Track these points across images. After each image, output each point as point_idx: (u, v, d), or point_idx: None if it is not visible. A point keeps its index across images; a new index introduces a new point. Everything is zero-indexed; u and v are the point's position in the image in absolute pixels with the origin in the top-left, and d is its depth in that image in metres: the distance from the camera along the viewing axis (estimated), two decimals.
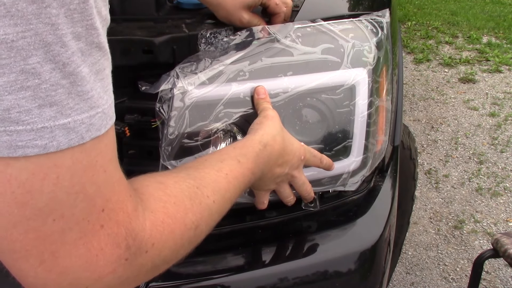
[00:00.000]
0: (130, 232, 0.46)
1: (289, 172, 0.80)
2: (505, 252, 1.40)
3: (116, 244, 0.45)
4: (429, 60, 4.19)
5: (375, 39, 0.94)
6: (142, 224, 0.48)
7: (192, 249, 0.59)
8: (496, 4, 5.60)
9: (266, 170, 0.76)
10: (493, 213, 2.46)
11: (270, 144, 0.75)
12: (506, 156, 2.92)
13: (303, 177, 0.84)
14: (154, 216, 0.50)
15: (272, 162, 0.76)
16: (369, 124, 0.93)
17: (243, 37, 0.88)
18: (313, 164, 0.86)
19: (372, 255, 0.92)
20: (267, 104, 0.82)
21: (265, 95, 0.83)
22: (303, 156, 0.82)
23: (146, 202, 0.51)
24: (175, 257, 0.55)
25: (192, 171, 0.62)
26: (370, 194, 1.00)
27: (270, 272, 0.85)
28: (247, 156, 0.70)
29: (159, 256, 0.51)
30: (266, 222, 0.93)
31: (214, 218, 0.62)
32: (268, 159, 0.74)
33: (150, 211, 0.50)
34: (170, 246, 0.52)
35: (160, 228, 0.50)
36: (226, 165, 0.66)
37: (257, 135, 0.75)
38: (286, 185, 0.84)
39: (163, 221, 0.51)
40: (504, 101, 3.54)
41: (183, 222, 0.54)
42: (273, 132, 0.77)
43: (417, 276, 2.10)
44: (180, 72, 0.84)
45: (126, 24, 0.96)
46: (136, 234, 0.47)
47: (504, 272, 2.10)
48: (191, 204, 0.56)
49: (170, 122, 0.83)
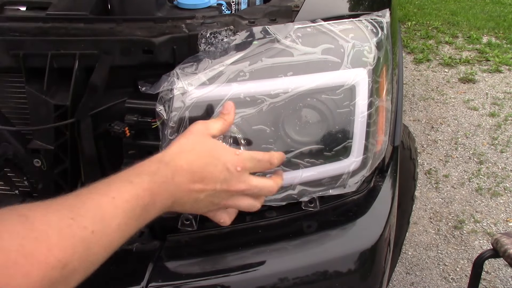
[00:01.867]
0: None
1: (223, 188, 0.73)
2: (505, 252, 1.40)
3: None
4: (429, 60, 4.19)
5: (375, 39, 0.94)
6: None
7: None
8: (496, 4, 5.59)
9: (180, 189, 0.70)
10: (493, 213, 2.46)
11: (174, 161, 0.70)
12: (506, 156, 2.92)
13: (252, 186, 0.76)
14: (4, 256, 0.45)
15: (184, 180, 0.70)
16: (369, 124, 0.93)
17: (243, 37, 0.88)
18: (261, 170, 0.79)
19: (372, 255, 0.92)
20: (218, 119, 0.78)
21: (229, 112, 0.79)
22: (239, 167, 0.74)
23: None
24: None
25: (72, 199, 0.56)
26: (370, 194, 1.00)
27: (270, 272, 0.85)
28: (141, 175, 0.64)
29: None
30: (266, 222, 0.93)
31: (94, 252, 0.55)
32: (173, 176, 0.69)
33: (0, 250, 0.45)
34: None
35: (11, 271, 0.44)
36: (115, 188, 0.60)
37: (160, 153, 0.71)
38: (240, 198, 0.77)
39: (15, 262, 0.45)
40: (504, 101, 3.54)
41: (44, 261, 0.47)
42: (180, 148, 0.72)
43: (417, 276, 2.10)
44: (180, 73, 0.84)
45: (126, 24, 0.96)
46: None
47: (504, 272, 2.10)
48: (58, 239, 0.50)
49: (170, 122, 0.83)
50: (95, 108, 0.96)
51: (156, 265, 0.83)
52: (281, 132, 0.87)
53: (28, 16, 1.02)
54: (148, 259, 0.84)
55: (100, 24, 0.96)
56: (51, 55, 0.91)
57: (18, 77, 0.95)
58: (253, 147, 0.86)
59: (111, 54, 0.91)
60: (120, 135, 0.89)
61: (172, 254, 0.86)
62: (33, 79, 0.94)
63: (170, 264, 0.84)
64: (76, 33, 0.93)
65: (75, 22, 0.96)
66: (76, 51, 0.90)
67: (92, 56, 0.91)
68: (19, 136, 0.98)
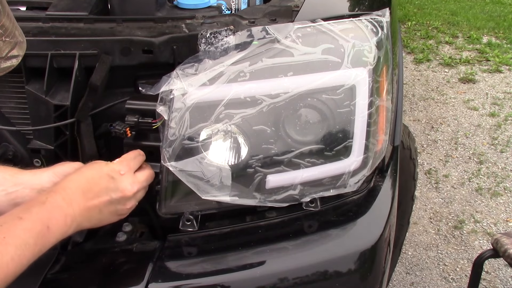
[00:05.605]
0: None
1: (118, 196, 0.81)
2: (505, 252, 1.40)
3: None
4: (429, 60, 4.19)
5: (375, 39, 0.94)
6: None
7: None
8: (496, 4, 5.59)
9: (79, 209, 0.77)
10: (493, 213, 2.46)
11: (62, 187, 0.77)
12: (506, 156, 2.92)
13: (142, 181, 0.85)
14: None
15: (78, 200, 0.77)
16: (370, 124, 0.93)
17: (243, 38, 0.88)
18: (141, 162, 0.87)
19: (372, 255, 0.92)
20: None
21: None
22: (122, 171, 0.82)
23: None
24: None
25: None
26: (370, 194, 1.00)
27: (270, 272, 0.85)
28: (30, 208, 0.71)
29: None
30: (266, 222, 0.93)
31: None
32: (64, 200, 0.75)
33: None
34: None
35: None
36: (6, 228, 0.67)
37: (44, 192, 0.78)
38: (137, 195, 0.85)
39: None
40: (504, 101, 3.54)
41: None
42: (68, 176, 0.80)
43: (417, 276, 2.10)
44: (180, 73, 0.84)
45: (126, 24, 0.96)
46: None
47: (504, 272, 2.10)
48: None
49: (171, 123, 0.83)
50: (95, 108, 0.96)
51: (156, 265, 0.83)
52: (281, 132, 0.87)
53: (28, 16, 1.02)
54: (148, 259, 0.84)
55: (100, 24, 0.96)
56: (51, 55, 0.90)
57: (18, 77, 0.95)
58: (254, 147, 0.86)
59: (111, 54, 0.91)
60: (121, 135, 0.89)
61: (172, 254, 0.86)
62: (33, 79, 0.94)
63: (170, 264, 0.84)
64: (76, 33, 0.93)
65: (75, 22, 0.96)
66: (76, 51, 0.90)
67: (92, 56, 0.91)
68: (19, 136, 0.98)
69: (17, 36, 0.72)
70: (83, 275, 0.86)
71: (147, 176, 0.87)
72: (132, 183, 0.83)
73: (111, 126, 0.90)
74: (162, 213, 0.90)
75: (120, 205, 0.83)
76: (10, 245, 0.66)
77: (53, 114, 0.93)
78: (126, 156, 0.86)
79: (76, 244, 0.95)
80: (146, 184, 0.87)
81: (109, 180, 0.81)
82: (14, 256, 0.65)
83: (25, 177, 0.85)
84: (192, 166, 0.83)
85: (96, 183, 0.80)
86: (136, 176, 0.85)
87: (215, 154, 0.86)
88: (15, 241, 0.66)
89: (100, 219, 0.82)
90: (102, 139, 0.99)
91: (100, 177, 0.81)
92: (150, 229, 0.98)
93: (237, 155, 0.86)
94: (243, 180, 0.88)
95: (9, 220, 0.69)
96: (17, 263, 0.66)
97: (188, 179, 0.84)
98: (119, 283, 0.82)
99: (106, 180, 0.81)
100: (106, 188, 0.81)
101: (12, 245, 0.66)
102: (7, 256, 0.65)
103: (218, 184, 0.85)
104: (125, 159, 0.86)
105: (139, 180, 0.85)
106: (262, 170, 0.87)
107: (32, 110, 0.95)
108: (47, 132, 0.95)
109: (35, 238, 0.69)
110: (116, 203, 0.82)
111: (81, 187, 0.79)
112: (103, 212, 0.81)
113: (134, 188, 0.83)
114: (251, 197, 0.88)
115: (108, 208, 0.81)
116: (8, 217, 0.70)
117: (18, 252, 0.66)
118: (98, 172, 0.82)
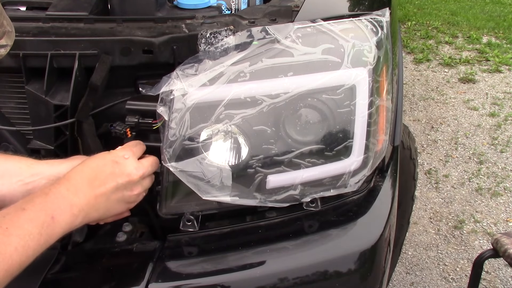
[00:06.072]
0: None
1: (124, 180, 0.81)
2: (505, 252, 1.40)
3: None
4: (429, 60, 4.19)
5: (375, 39, 0.94)
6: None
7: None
8: (496, 4, 5.59)
9: (86, 198, 0.76)
10: (493, 213, 2.46)
11: (66, 177, 0.77)
12: (506, 156, 2.92)
13: (146, 167, 0.85)
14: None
15: (85, 189, 0.77)
16: (370, 123, 0.93)
17: (243, 38, 0.88)
18: (143, 150, 0.88)
19: (372, 255, 0.92)
20: None
21: None
22: (126, 155, 0.82)
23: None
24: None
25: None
26: (370, 194, 1.00)
27: (270, 272, 0.85)
28: (34, 199, 0.71)
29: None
30: (266, 222, 0.93)
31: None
32: (69, 190, 0.75)
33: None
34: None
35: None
36: (8, 219, 0.67)
37: (47, 184, 0.78)
38: (143, 181, 0.85)
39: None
40: (504, 101, 3.54)
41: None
42: (72, 169, 0.80)
43: (417, 276, 2.10)
44: (180, 74, 0.84)
45: (126, 24, 0.96)
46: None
47: (504, 272, 2.10)
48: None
49: (171, 123, 0.83)
50: (95, 108, 0.96)
51: (156, 265, 0.83)
52: (282, 132, 0.87)
53: (28, 16, 1.02)
54: (148, 259, 0.84)
55: (100, 24, 0.96)
56: (51, 55, 0.90)
57: (18, 77, 0.95)
58: (254, 148, 0.86)
59: (111, 54, 0.91)
60: (121, 136, 0.89)
61: (172, 254, 0.86)
62: (33, 79, 0.94)
63: (170, 264, 0.84)
64: (76, 33, 0.93)
65: (75, 22, 0.96)
66: (76, 51, 0.90)
67: (92, 56, 0.91)
68: (19, 136, 0.98)
69: (5, 26, 0.71)
70: (83, 275, 0.86)
71: (152, 162, 0.87)
72: (137, 167, 0.83)
73: (111, 126, 0.90)
74: (163, 213, 0.90)
75: (127, 191, 0.82)
76: (13, 235, 0.66)
77: (53, 114, 0.93)
78: (128, 143, 0.87)
79: (76, 244, 0.95)
80: (151, 170, 0.87)
81: (114, 165, 0.81)
82: (18, 246, 0.65)
83: (42, 168, 0.84)
84: (193, 167, 0.83)
85: (102, 171, 0.80)
86: (141, 161, 0.85)
87: (216, 155, 0.86)
88: (18, 232, 0.66)
89: (108, 208, 0.81)
90: (102, 139, 0.99)
91: (105, 164, 0.81)
92: (150, 229, 0.98)
93: (237, 156, 0.86)
94: (244, 180, 0.88)
95: (12, 211, 0.69)
96: (22, 253, 0.66)
97: (189, 179, 0.84)
98: (119, 283, 0.82)
99: (111, 165, 0.81)
100: (111, 174, 0.80)
101: (15, 236, 0.66)
102: (10, 246, 0.65)
103: (218, 185, 0.85)
104: (128, 145, 0.86)
105: (143, 165, 0.85)
106: (262, 170, 0.87)
107: (32, 110, 0.95)
108: (47, 132, 0.95)
109: (40, 228, 0.69)
110: (122, 189, 0.81)
111: (87, 176, 0.78)
112: (110, 199, 0.80)
113: (140, 172, 0.83)
114: (252, 197, 0.88)
115: (115, 195, 0.81)
116: (11, 208, 0.70)
117: (22, 242, 0.66)
118: (102, 160, 0.81)
